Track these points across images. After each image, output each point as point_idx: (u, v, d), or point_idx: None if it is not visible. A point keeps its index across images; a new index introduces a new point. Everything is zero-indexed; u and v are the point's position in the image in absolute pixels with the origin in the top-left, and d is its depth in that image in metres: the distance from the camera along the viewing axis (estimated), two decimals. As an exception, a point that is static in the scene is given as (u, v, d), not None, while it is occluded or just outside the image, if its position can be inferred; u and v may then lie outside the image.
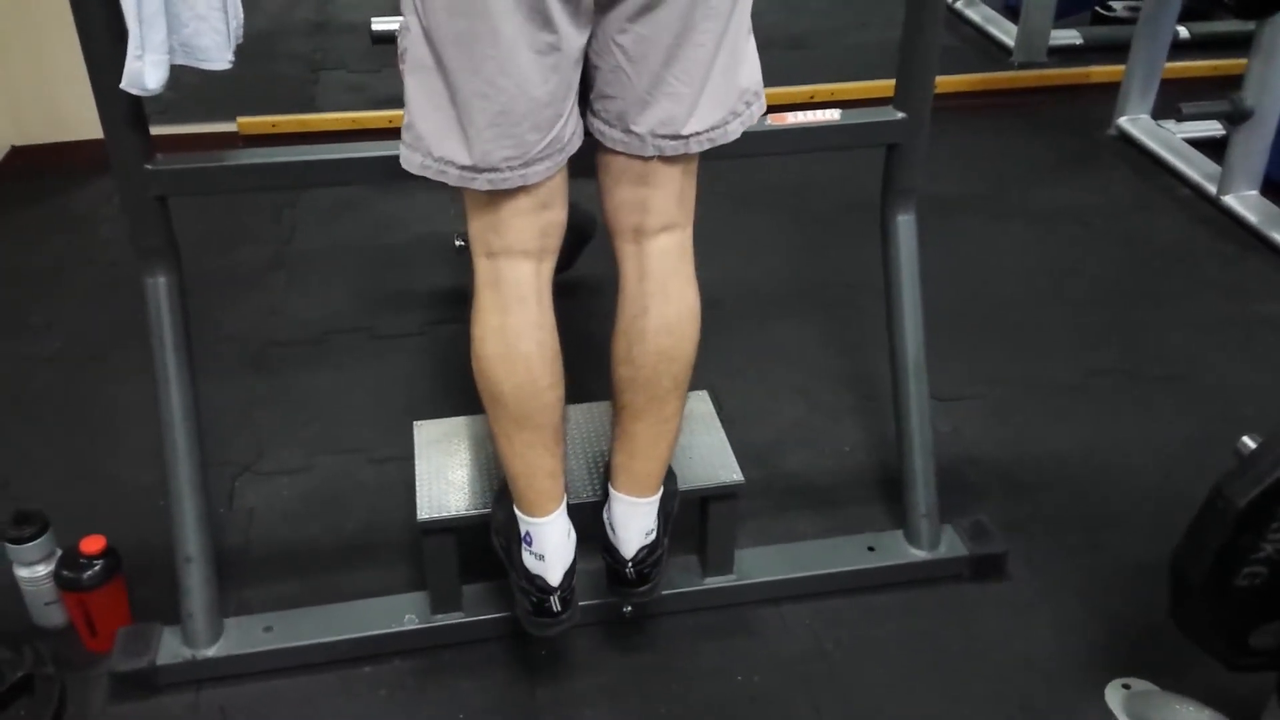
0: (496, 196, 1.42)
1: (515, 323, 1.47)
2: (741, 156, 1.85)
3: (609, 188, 1.51)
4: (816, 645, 1.81)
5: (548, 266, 1.50)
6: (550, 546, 1.55)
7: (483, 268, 1.48)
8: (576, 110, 1.42)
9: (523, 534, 1.56)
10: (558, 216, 1.48)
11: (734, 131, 1.48)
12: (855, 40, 4.10)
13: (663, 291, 1.51)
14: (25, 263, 2.80)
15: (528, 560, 1.56)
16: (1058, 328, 2.60)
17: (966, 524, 1.96)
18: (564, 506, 1.57)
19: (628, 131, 1.42)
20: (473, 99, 1.33)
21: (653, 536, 1.62)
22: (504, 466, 1.56)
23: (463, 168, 1.38)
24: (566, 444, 1.60)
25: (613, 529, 1.63)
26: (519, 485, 1.55)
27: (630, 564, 1.61)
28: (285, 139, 3.33)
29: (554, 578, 1.55)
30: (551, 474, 1.55)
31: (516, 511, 1.56)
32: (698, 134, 1.43)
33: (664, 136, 1.42)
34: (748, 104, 1.48)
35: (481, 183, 1.39)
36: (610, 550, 1.63)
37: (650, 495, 1.60)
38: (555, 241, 1.49)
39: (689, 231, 1.54)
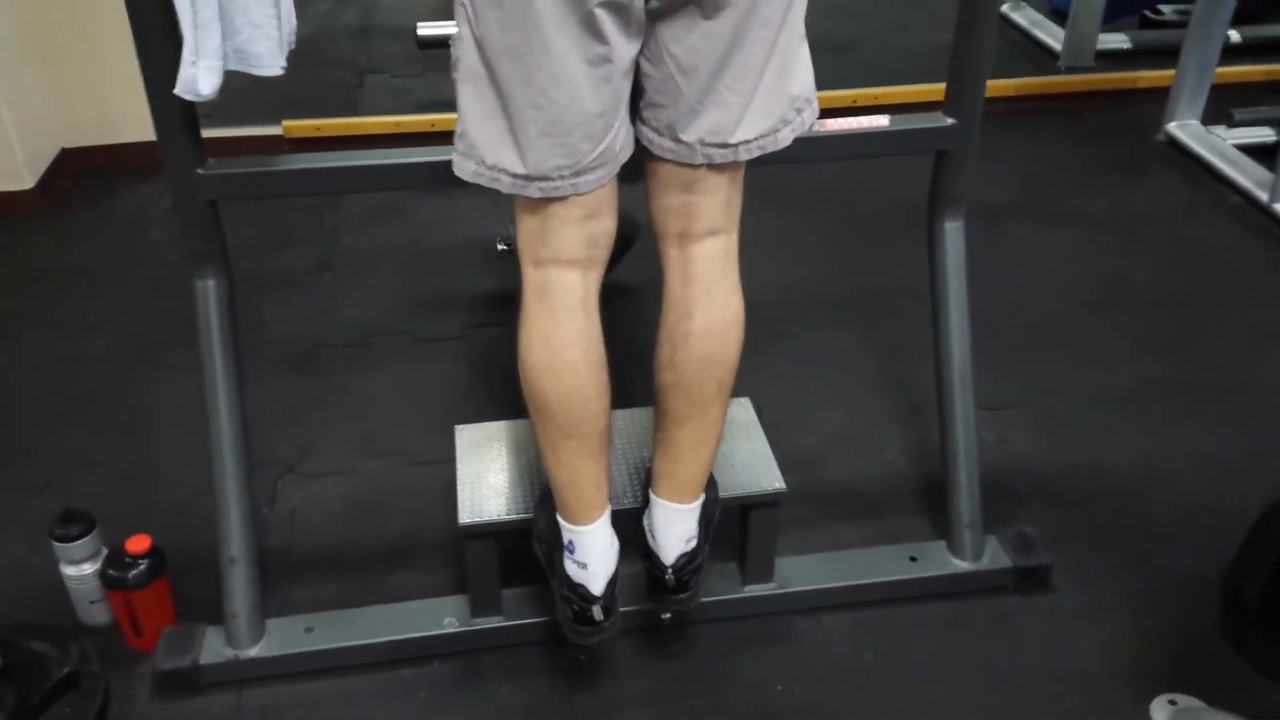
0: (546, 205, 1.42)
1: (562, 332, 1.47)
2: (789, 163, 1.84)
3: (655, 193, 1.50)
4: (857, 656, 1.79)
5: (595, 276, 1.49)
6: (593, 555, 1.55)
7: (531, 276, 1.48)
8: (628, 120, 1.42)
9: (566, 542, 1.56)
10: (606, 226, 1.48)
11: (784, 139, 1.46)
12: (897, 44, 4.08)
13: (707, 296, 1.51)
14: (76, 263, 2.84)
15: (570, 569, 1.56)
16: (1106, 336, 2.57)
17: (1011, 535, 1.94)
18: (607, 515, 1.57)
19: (677, 140, 1.42)
20: (525, 109, 1.33)
21: (693, 544, 1.61)
22: (549, 474, 1.56)
23: (515, 175, 1.38)
24: (611, 452, 1.59)
25: (653, 535, 1.62)
26: (563, 494, 1.54)
27: (670, 570, 1.60)
28: (330, 143, 3.35)
29: (596, 587, 1.55)
30: (596, 483, 1.54)
31: (560, 520, 1.56)
32: (747, 142, 1.42)
33: (713, 145, 1.41)
34: (798, 111, 1.47)
35: (533, 190, 1.39)
36: (650, 556, 1.63)
37: (691, 501, 1.60)
38: (604, 252, 1.49)
39: (734, 237, 1.53)
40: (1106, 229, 3.00)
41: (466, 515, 1.69)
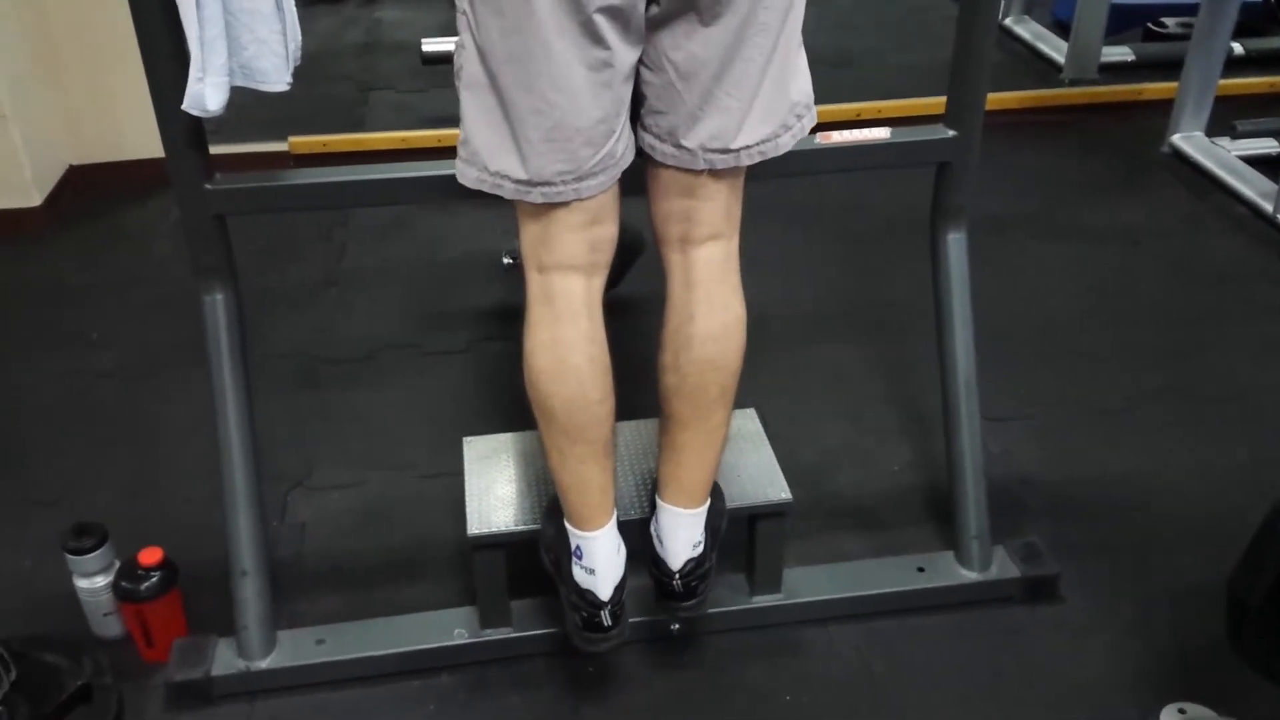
0: (549, 211, 1.43)
1: (566, 336, 1.48)
2: (792, 175, 1.86)
3: (657, 198, 1.52)
4: (865, 667, 1.80)
5: (599, 281, 1.51)
6: (600, 561, 1.56)
7: (534, 282, 1.49)
8: (629, 126, 1.44)
9: (573, 548, 1.57)
10: (608, 231, 1.49)
11: (785, 144, 1.48)
12: (900, 59, 4.10)
13: (709, 300, 1.52)
14: (84, 279, 2.86)
15: (578, 575, 1.57)
16: (1111, 348, 2.57)
17: (1018, 545, 1.94)
18: (614, 521, 1.58)
19: (679, 146, 1.44)
20: (527, 115, 1.35)
21: (700, 549, 1.62)
22: (555, 480, 1.57)
23: (518, 181, 1.40)
24: (616, 459, 1.60)
25: (660, 540, 1.63)
26: (570, 499, 1.55)
27: (677, 576, 1.61)
28: (335, 158, 3.38)
29: (604, 592, 1.55)
30: (602, 488, 1.55)
31: (567, 525, 1.57)
32: (748, 147, 1.44)
33: (714, 151, 1.43)
34: (799, 117, 1.48)
35: (536, 196, 1.40)
36: (657, 563, 1.63)
37: (697, 506, 1.60)
38: (606, 256, 1.51)
39: (735, 242, 1.54)
40: (1110, 241, 3.00)
41: (475, 526, 1.70)
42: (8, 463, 2.24)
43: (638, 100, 1.44)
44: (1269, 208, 3.04)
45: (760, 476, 1.79)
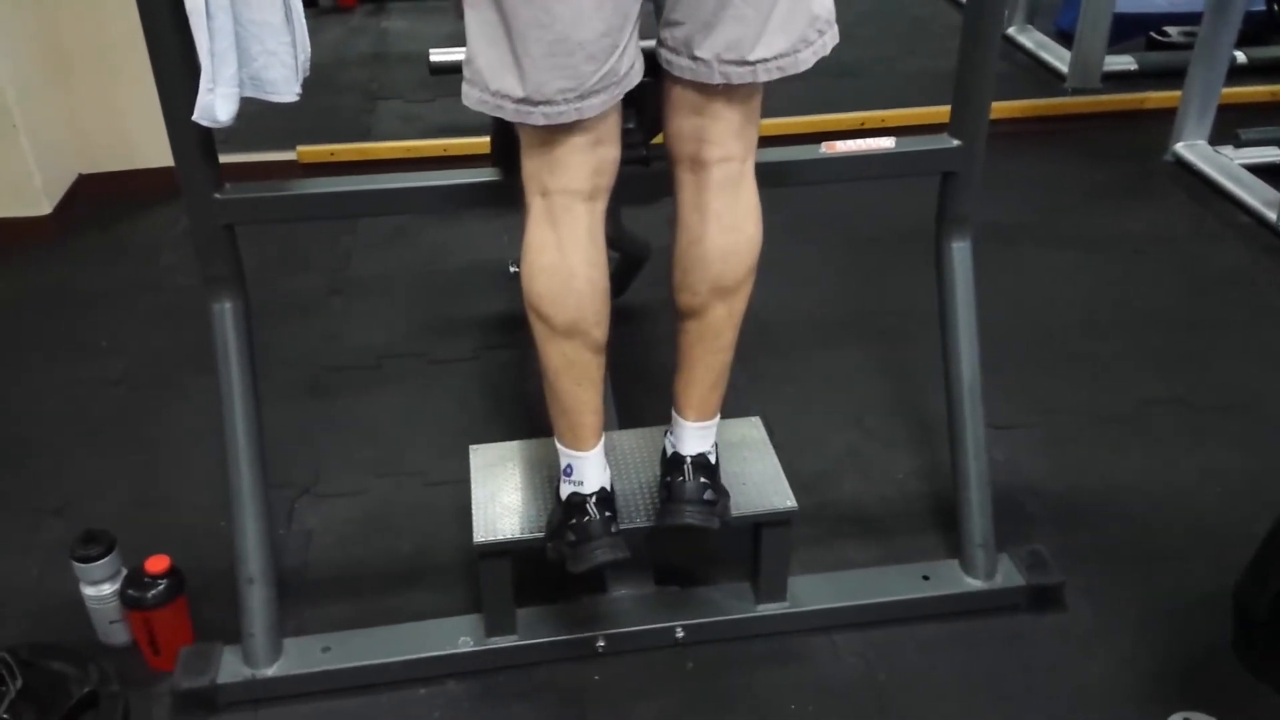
0: (552, 133, 1.43)
1: (570, 263, 1.48)
2: (796, 184, 1.87)
3: (671, 116, 1.51)
4: (870, 675, 1.80)
5: (601, 205, 1.51)
6: (588, 475, 1.59)
7: (537, 206, 1.50)
8: (636, 44, 1.42)
9: (564, 466, 1.60)
10: (611, 154, 1.49)
11: (805, 61, 1.44)
12: (904, 68, 4.12)
13: (718, 220, 1.52)
14: (92, 287, 2.88)
15: (565, 490, 1.60)
16: (1115, 356, 2.58)
17: (1023, 554, 1.94)
18: (602, 445, 1.61)
19: (694, 58, 1.42)
20: (528, 29, 1.34)
21: (712, 458, 1.65)
22: (551, 403, 1.59)
23: (518, 100, 1.39)
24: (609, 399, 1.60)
25: (672, 446, 1.66)
26: (566, 420, 1.58)
27: (688, 460, 1.63)
28: (343, 168, 3.39)
29: (589, 488, 1.59)
30: (595, 410, 1.58)
31: (559, 446, 1.61)
32: (765, 61, 1.41)
33: (730, 62, 1.41)
34: (820, 32, 1.45)
35: (537, 116, 1.39)
36: (671, 462, 1.66)
37: (706, 419, 1.64)
38: (608, 180, 1.51)
39: (749, 164, 1.53)
40: (1114, 249, 3.01)
41: (481, 534, 1.70)
42: (16, 470, 2.25)
43: (655, 14, 1.43)
44: (1272, 216, 3.04)
45: (765, 484, 1.80)
